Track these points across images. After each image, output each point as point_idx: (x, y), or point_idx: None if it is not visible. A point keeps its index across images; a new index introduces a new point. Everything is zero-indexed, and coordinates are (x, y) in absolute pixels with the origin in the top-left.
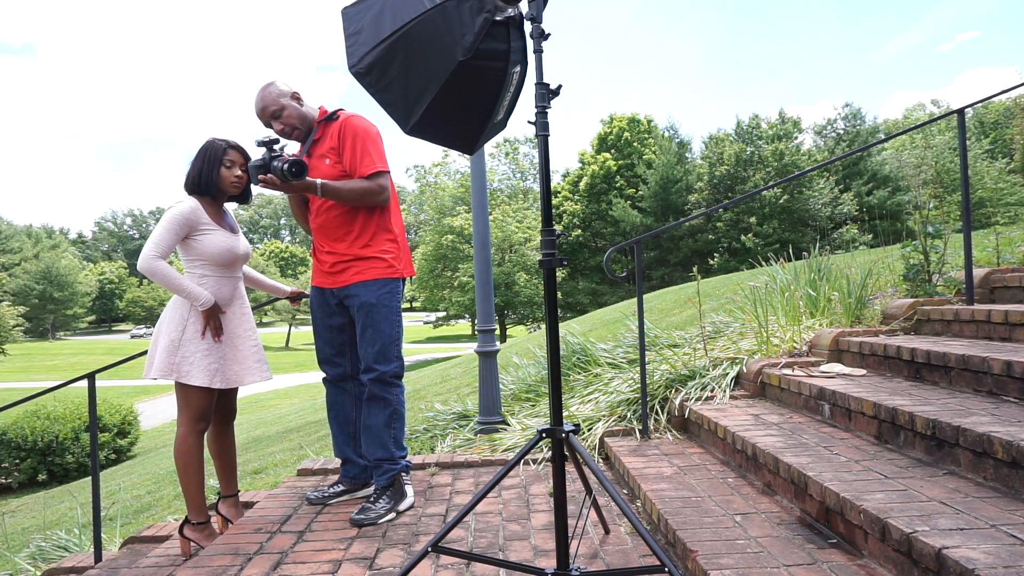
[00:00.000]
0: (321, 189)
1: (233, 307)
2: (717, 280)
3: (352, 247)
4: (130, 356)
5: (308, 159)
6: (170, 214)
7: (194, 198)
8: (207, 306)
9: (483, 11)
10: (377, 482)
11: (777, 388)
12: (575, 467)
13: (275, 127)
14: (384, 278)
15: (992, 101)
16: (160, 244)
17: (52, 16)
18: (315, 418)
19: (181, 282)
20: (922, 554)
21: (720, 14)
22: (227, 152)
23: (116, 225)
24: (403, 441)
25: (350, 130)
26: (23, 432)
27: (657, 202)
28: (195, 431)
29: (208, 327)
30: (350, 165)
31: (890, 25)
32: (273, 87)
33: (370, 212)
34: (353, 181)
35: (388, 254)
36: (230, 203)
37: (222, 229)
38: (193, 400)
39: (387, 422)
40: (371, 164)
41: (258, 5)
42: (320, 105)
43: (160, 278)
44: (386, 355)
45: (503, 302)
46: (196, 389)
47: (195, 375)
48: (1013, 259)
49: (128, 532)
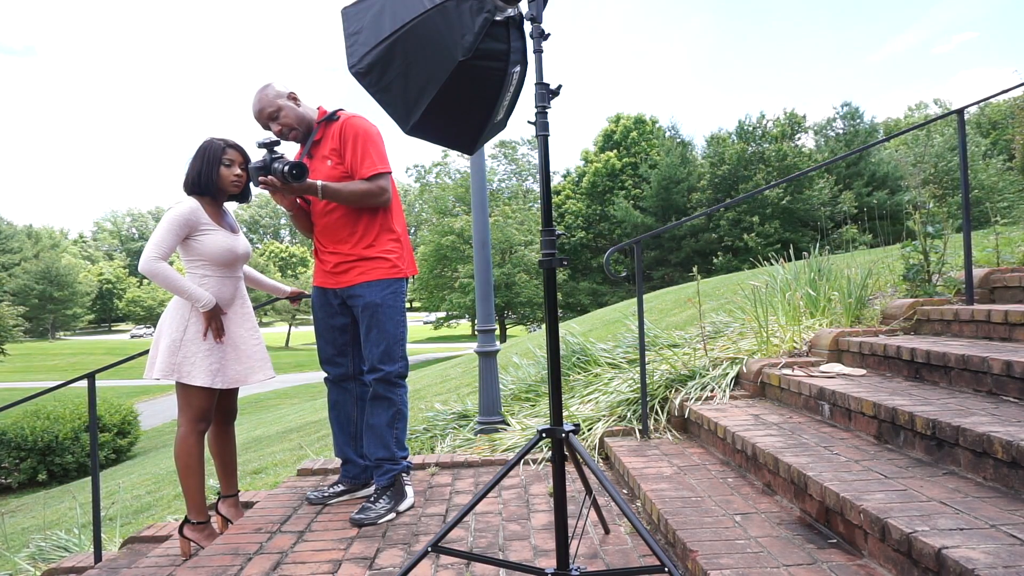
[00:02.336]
0: (322, 191)
1: (234, 307)
2: (717, 280)
3: (356, 248)
4: (130, 356)
5: (309, 160)
6: (170, 215)
7: (194, 198)
8: (208, 307)
9: (483, 11)
10: (377, 482)
11: (777, 388)
12: (575, 467)
13: (273, 128)
14: (388, 278)
15: (991, 101)
16: (161, 245)
17: (53, 18)
18: (315, 418)
19: (182, 284)
20: (922, 554)
21: (717, 16)
22: (226, 151)
23: (116, 225)
24: (405, 441)
25: (351, 131)
26: (23, 432)
27: (659, 202)
28: (196, 431)
29: (209, 328)
30: (351, 166)
31: (888, 27)
32: (270, 88)
33: (373, 213)
34: (354, 183)
35: (392, 254)
36: (230, 203)
37: (222, 229)
38: (194, 400)
39: (390, 422)
40: (372, 165)
41: (259, 6)
42: (319, 105)
43: (161, 280)
44: (391, 355)
45: (503, 302)
46: (197, 389)
47: (196, 375)
48: (1013, 259)
49: (128, 532)
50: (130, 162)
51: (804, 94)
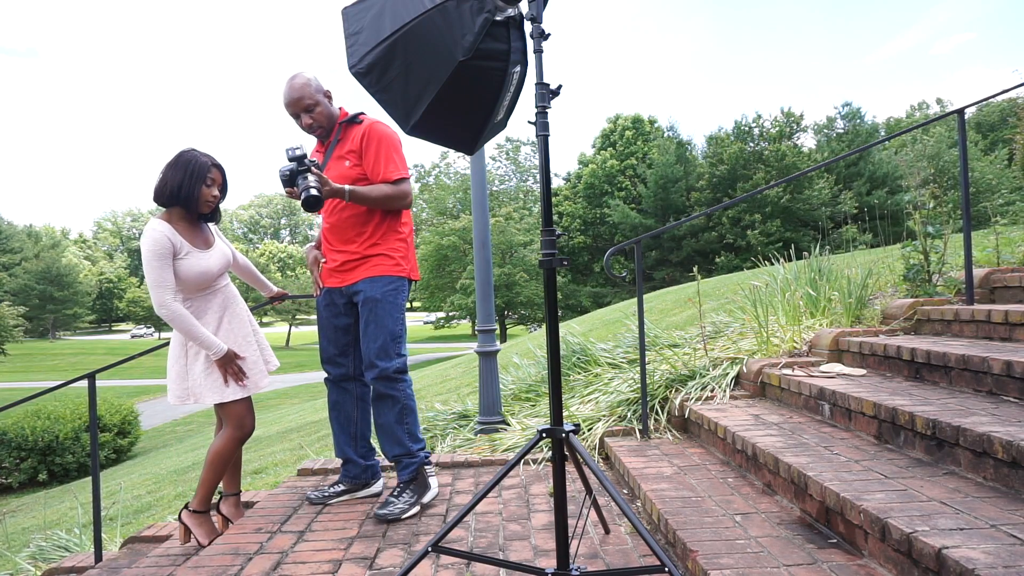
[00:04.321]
0: (349, 194)
1: (226, 318)
2: (717, 280)
3: (362, 246)
4: (130, 356)
5: (328, 159)
6: (151, 248)
7: (163, 220)
8: (220, 355)
9: (483, 11)
10: (400, 477)
11: (777, 388)
12: (575, 467)
13: (303, 120)
14: (390, 275)
15: (991, 102)
16: (165, 284)
17: (55, 21)
18: (315, 418)
19: (198, 332)
20: (922, 554)
21: (717, 16)
22: (211, 170)
23: (117, 225)
24: (418, 434)
25: (375, 136)
26: (23, 432)
27: (657, 202)
28: (235, 439)
29: (228, 375)
30: (372, 170)
31: (886, 28)
32: (314, 81)
33: (384, 214)
34: (378, 186)
35: (396, 252)
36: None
37: (195, 249)
38: (230, 411)
39: (398, 418)
40: (396, 170)
41: (259, 7)
42: (340, 106)
43: (179, 324)
44: (387, 351)
45: (504, 303)
46: (224, 404)
47: (207, 396)
48: (1013, 259)
49: (128, 532)
50: (131, 162)
51: (803, 94)
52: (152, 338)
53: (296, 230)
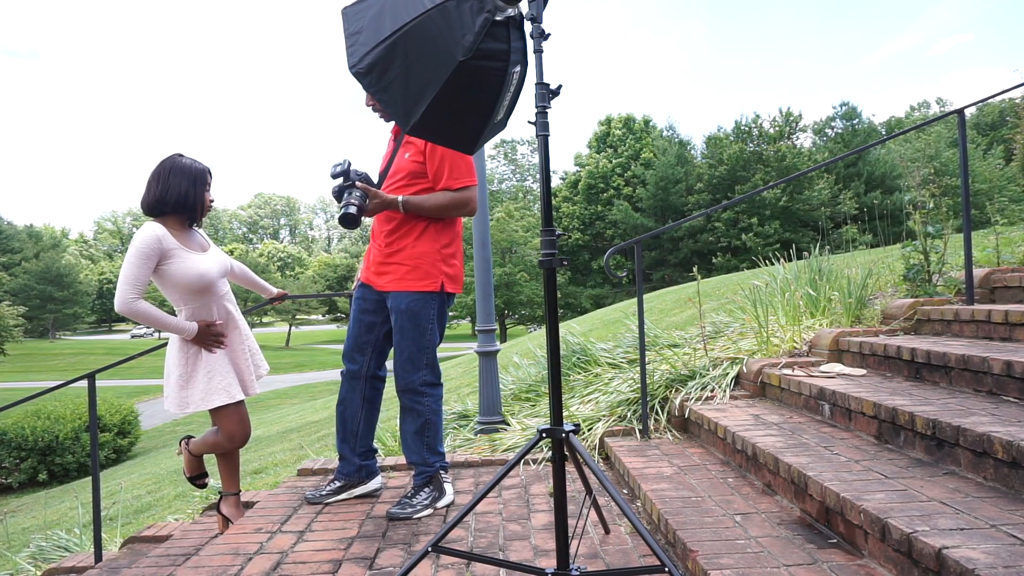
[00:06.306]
0: (403, 205)
1: (230, 324)
2: (717, 280)
3: (399, 246)
4: (130, 356)
5: (399, 145)
6: (137, 245)
7: (158, 222)
8: (192, 335)
9: (483, 11)
10: (414, 481)
11: (777, 388)
12: (575, 467)
13: (371, 101)
14: (420, 291)
15: (991, 102)
16: (135, 282)
17: (57, 23)
18: (315, 418)
19: (165, 320)
20: (922, 554)
21: (716, 17)
22: (208, 175)
23: (117, 225)
24: (438, 447)
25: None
26: (23, 432)
27: (656, 203)
28: (220, 446)
29: (210, 346)
30: (435, 175)
31: (884, 29)
32: None
33: (433, 219)
34: (437, 195)
35: (433, 262)
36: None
37: (192, 252)
38: (223, 419)
39: (418, 431)
40: (461, 176)
41: (260, 8)
42: None
43: (142, 318)
44: (414, 363)
45: (504, 303)
46: (218, 409)
47: (209, 400)
48: (1013, 259)
49: (128, 532)
50: (131, 162)
51: (801, 94)
52: (152, 338)
53: (295, 230)
